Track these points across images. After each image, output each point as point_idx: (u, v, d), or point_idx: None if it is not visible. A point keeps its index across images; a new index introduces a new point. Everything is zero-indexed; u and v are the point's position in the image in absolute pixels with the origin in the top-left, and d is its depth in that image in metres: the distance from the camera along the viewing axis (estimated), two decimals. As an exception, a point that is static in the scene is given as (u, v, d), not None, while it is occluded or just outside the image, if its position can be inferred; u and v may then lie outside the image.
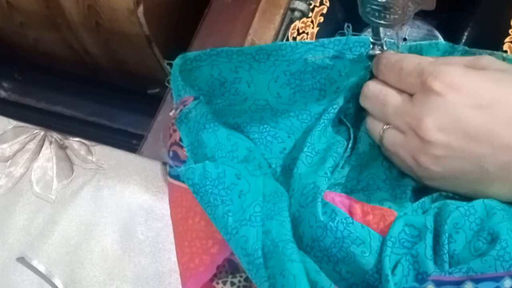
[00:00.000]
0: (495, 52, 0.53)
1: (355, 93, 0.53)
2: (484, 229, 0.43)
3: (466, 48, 0.54)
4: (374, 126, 0.49)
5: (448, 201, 0.46)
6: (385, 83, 0.49)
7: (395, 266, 0.43)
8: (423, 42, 0.55)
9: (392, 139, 0.48)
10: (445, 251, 0.43)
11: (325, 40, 0.55)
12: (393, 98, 0.47)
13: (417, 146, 0.45)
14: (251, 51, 0.55)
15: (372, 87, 0.50)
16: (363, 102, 0.51)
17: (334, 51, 0.54)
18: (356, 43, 0.54)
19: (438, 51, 0.54)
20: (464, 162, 0.44)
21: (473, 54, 0.53)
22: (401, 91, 0.47)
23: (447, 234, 0.43)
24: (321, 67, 0.54)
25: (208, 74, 0.55)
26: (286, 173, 0.52)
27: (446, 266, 0.42)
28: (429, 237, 0.43)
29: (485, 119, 0.43)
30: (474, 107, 0.43)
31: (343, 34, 0.55)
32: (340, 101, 0.52)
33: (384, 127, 0.48)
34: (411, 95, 0.46)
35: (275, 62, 0.55)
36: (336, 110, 0.52)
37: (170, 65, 0.55)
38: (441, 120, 0.43)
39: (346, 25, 0.54)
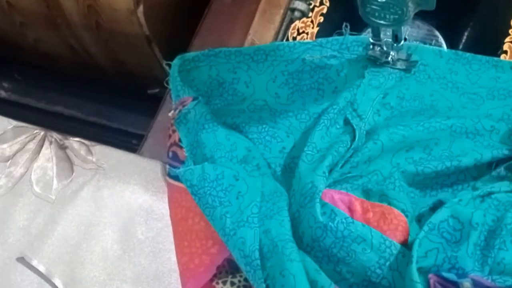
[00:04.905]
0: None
1: (359, 93, 0.52)
2: None
3: (472, 54, 0.54)
4: None
5: None
6: None
7: (429, 251, 0.43)
8: (425, 46, 0.54)
9: None
10: (492, 255, 0.42)
11: (323, 40, 0.55)
12: None
13: None
14: (249, 51, 0.55)
15: None
16: None
17: (332, 51, 0.54)
18: (354, 42, 0.54)
19: (441, 58, 0.54)
20: None
21: (479, 60, 0.53)
22: None
23: (502, 239, 0.43)
24: (319, 66, 0.54)
25: (206, 74, 0.55)
26: (285, 173, 0.52)
27: (487, 269, 0.42)
28: (473, 235, 0.43)
29: None
30: None
31: (341, 34, 0.55)
32: (341, 101, 0.52)
33: None
34: None
35: (273, 62, 0.55)
36: (336, 111, 0.52)
37: (169, 65, 0.55)
38: None
39: (344, 24, 0.54)
